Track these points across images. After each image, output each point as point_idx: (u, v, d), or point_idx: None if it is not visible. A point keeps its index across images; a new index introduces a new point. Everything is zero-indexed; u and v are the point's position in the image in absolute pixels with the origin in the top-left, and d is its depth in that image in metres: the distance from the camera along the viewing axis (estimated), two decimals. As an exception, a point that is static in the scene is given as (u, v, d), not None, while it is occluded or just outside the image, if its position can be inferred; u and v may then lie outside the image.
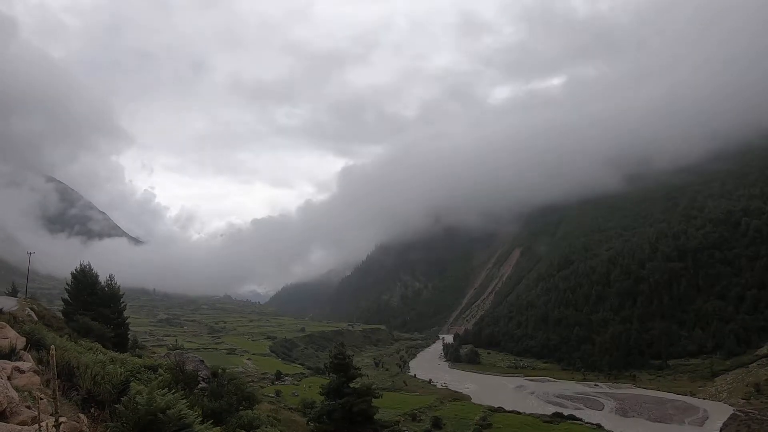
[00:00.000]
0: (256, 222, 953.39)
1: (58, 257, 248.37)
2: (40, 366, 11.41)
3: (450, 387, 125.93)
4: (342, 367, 45.91)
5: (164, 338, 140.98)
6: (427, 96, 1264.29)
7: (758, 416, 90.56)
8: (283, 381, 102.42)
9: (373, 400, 45.35)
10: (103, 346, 30.00)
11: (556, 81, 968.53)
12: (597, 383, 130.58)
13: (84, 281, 47.35)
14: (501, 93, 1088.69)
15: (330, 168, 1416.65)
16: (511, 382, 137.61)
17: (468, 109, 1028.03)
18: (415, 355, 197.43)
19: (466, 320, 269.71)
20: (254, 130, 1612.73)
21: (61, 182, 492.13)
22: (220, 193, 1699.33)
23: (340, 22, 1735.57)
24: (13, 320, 20.41)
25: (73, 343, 22.37)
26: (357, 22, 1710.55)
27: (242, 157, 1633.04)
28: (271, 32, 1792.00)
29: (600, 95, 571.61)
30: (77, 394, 11.35)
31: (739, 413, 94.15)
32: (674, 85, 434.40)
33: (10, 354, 11.25)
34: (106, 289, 49.07)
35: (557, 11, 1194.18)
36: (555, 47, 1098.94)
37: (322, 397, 47.57)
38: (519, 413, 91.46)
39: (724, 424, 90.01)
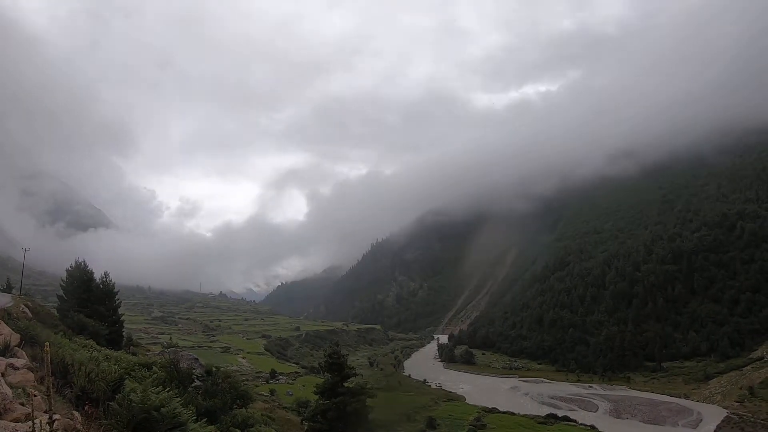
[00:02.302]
0: (247, 221, 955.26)
1: (54, 254, 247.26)
2: (34, 363, 11.38)
3: (444, 387, 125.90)
4: (336, 367, 45.85)
5: (159, 336, 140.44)
6: (412, 100, 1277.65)
7: (752, 419, 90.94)
8: (278, 380, 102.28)
9: (368, 399, 45.31)
10: (98, 344, 29.93)
11: (544, 86, 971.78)
12: (591, 385, 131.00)
13: (79, 278, 47.20)
14: (492, 96, 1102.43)
15: (317, 170, 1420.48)
16: (505, 383, 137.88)
17: (460, 112, 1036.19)
18: (409, 355, 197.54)
19: (461, 321, 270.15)
20: (241, 134, 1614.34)
21: (58, 179, 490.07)
22: (213, 194, 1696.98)
23: (324, 29, 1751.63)
24: (7, 317, 20.32)
25: (67, 340, 22.31)
26: (340, 30, 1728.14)
27: (232, 159, 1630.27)
28: (255, 40, 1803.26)
29: (592, 99, 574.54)
30: (71, 392, 11.33)
31: (732, 416, 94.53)
32: (669, 89, 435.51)
33: (4, 351, 11.23)
34: (101, 286, 48.94)
35: (541, 20, 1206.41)
36: (543, 54, 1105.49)
37: (317, 397, 47.52)
38: (513, 414, 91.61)
39: (718, 427, 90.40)
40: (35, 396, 8.50)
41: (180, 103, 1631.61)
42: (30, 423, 6.68)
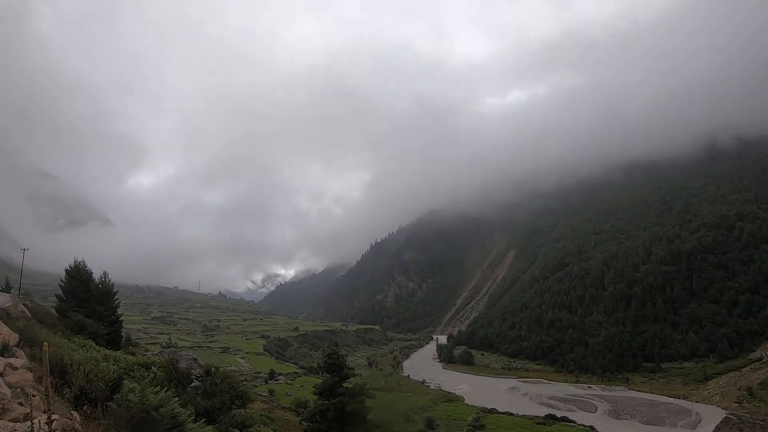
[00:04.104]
0: (242, 222, 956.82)
1: (53, 254, 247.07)
2: (33, 363, 11.36)
3: (443, 388, 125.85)
4: (335, 367, 45.76)
5: (158, 336, 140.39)
6: (402, 105, 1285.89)
7: (751, 420, 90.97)
8: (277, 380, 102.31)
9: (367, 400, 45.19)
10: (97, 344, 29.92)
11: (538, 90, 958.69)
12: (590, 385, 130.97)
13: (78, 278, 47.10)
14: (484, 98, 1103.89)
15: (311, 173, 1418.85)
16: (504, 384, 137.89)
17: (451, 114, 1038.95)
18: (408, 356, 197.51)
19: (460, 321, 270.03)
20: (231, 139, 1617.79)
21: (59, 180, 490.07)
22: (209, 195, 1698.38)
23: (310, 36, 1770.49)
24: (6, 316, 20.32)
25: (66, 340, 22.32)
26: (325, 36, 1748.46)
27: (224, 162, 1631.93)
28: (243, 50, 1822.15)
29: (588, 101, 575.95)
30: (70, 392, 11.31)
31: (731, 417, 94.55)
32: (667, 90, 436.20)
33: (3, 350, 11.22)
34: (100, 286, 48.86)
35: (529, 25, 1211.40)
36: (535, 58, 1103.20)
37: (315, 397, 47.47)
38: (512, 414, 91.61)
39: (717, 428, 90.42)
40: (34, 396, 8.49)
41: (168, 109, 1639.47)
42: (29, 423, 6.68)
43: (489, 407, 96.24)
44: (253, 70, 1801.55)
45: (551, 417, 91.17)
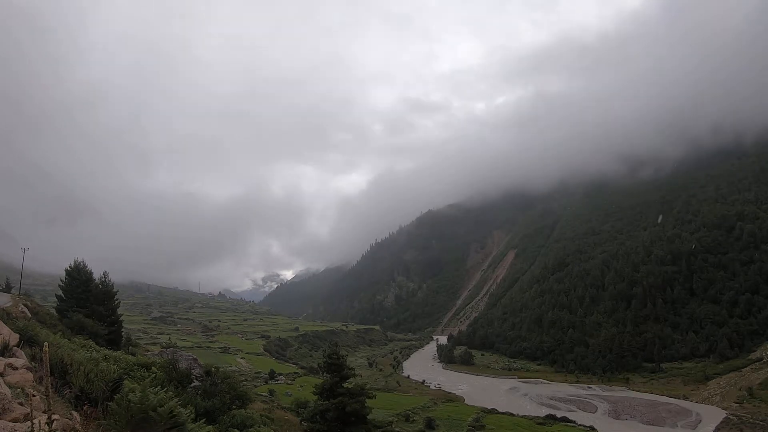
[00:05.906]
0: (236, 223, 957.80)
1: (53, 254, 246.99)
2: (33, 363, 11.38)
3: (443, 388, 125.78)
4: (336, 367, 45.83)
5: (158, 336, 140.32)
6: (394, 107, 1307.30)
7: (751, 420, 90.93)
8: (277, 380, 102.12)
9: (367, 400, 45.24)
10: (97, 344, 29.94)
11: (535, 92, 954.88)
12: (590, 385, 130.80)
13: (78, 278, 47.20)
14: (481, 100, 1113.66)
15: (301, 174, 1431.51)
16: (504, 384, 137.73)
17: (446, 117, 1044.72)
18: (408, 356, 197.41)
19: (460, 321, 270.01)
20: (224, 140, 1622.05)
21: (58, 179, 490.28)
22: (208, 194, 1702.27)
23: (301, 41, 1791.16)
24: (6, 316, 20.33)
25: (66, 340, 22.31)
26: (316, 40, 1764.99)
27: (219, 164, 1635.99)
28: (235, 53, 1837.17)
29: (588, 103, 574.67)
30: (70, 392, 11.33)
31: (732, 417, 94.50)
32: (667, 91, 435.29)
33: (3, 350, 11.23)
34: (100, 286, 48.96)
35: (522, 28, 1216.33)
36: (530, 61, 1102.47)
37: (316, 397, 47.52)
38: (512, 415, 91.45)
39: (717, 428, 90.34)
40: (34, 396, 8.50)
41: (169, 112, 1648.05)
42: (29, 423, 6.69)
43: (489, 407, 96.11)
44: (250, 75, 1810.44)
45: (551, 417, 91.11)
